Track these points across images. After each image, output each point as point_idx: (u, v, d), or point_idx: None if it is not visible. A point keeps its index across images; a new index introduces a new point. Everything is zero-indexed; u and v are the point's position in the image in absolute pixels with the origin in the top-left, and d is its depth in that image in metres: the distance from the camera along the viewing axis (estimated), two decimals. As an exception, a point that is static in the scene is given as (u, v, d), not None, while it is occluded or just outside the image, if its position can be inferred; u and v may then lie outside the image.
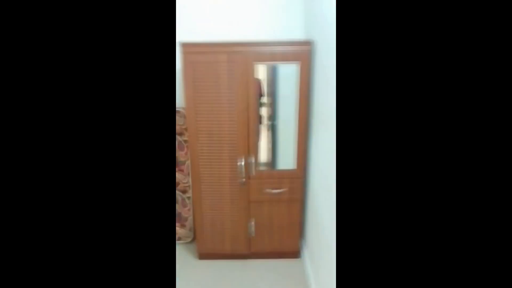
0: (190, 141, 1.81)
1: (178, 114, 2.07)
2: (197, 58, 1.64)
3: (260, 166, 1.86)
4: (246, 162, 1.83)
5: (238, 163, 1.82)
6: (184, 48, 1.62)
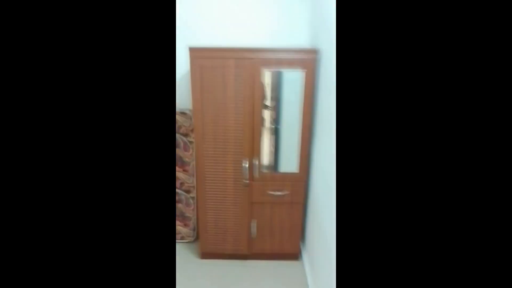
0: (196, 142, 1.85)
1: (184, 116, 2.12)
2: (205, 62, 1.69)
3: (262, 169, 1.90)
4: (250, 164, 1.87)
5: (243, 165, 1.87)
6: (192, 52, 1.67)
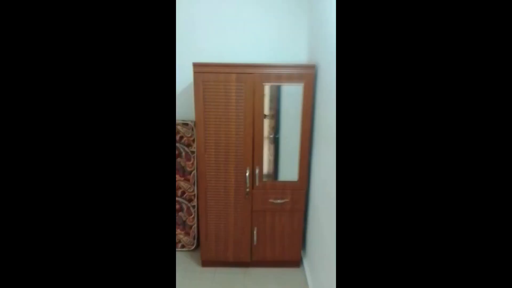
0: (198, 152, 1.91)
1: (186, 126, 2.18)
2: (207, 77, 1.77)
3: (263, 177, 1.96)
4: (251, 173, 1.93)
5: (247, 174, 1.93)
6: (195, 68, 1.75)
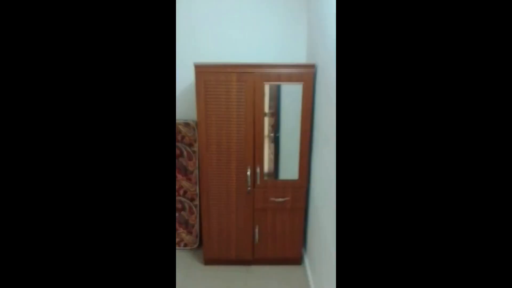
0: (200, 151, 1.94)
1: (188, 126, 2.21)
2: (209, 77, 1.80)
3: (264, 176, 1.99)
4: (252, 172, 1.96)
5: (248, 173, 1.95)
6: (197, 68, 1.78)
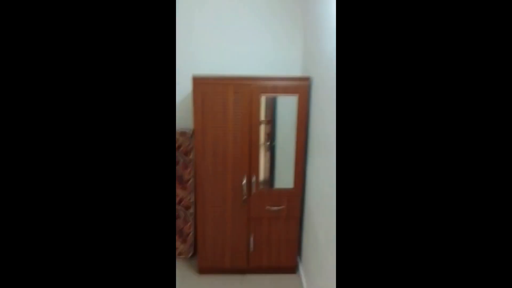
0: (196, 160, 1.96)
1: (184, 135, 2.23)
2: (206, 88, 1.84)
3: (259, 185, 2.02)
4: (248, 181, 1.99)
5: (243, 182, 1.98)
6: (194, 80, 1.82)
